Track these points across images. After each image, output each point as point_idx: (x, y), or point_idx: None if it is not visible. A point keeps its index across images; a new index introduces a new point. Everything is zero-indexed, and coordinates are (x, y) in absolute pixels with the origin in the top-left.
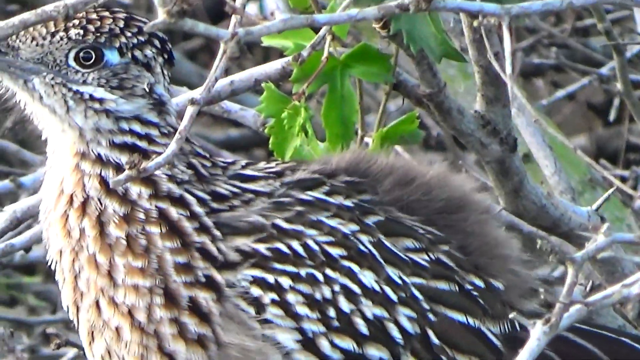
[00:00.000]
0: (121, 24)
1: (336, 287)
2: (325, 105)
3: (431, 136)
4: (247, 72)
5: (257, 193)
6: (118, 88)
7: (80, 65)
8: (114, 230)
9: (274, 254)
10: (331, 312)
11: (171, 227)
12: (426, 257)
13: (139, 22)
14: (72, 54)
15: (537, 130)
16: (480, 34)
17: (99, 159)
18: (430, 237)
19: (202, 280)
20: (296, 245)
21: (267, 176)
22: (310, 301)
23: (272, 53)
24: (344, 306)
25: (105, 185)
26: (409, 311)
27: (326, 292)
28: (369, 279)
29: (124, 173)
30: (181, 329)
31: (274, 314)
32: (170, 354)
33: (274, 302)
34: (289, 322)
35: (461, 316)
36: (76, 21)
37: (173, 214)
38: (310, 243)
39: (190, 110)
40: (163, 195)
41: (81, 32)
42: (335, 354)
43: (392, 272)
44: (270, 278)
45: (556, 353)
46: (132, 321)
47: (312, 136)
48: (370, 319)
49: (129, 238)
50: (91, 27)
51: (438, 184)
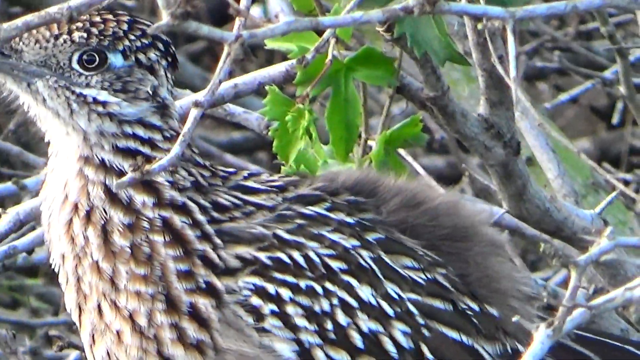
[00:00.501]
0: (125, 26)
1: (335, 300)
2: (329, 108)
3: (435, 139)
4: (251, 75)
5: (258, 206)
6: (122, 91)
7: (84, 68)
8: (119, 239)
9: (274, 263)
10: (329, 325)
11: (174, 236)
12: (423, 276)
13: (142, 25)
14: (75, 57)
15: (541, 134)
16: (484, 38)
17: (102, 164)
18: (429, 259)
19: (202, 286)
20: (297, 256)
21: (269, 190)
22: (309, 313)
23: (276, 56)
24: (341, 319)
25: (110, 195)
26: (404, 326)
27: (325, 305)
28: (366, 294)
29: (127, 175)
30: (180, 334)
31: (272, 325)
32: (169, 358)
33: (273, 313)
34: (287, 333)
35: (455, 334)
36: (80, 24)
37: (177, 222)
38: (312, 255)
39: (194, 113)
40: (166, 204)
41: (85, 35)
42: None
43: (390, 287)
44: (270, 288)
45: None
46: (133, 325)
47: (316, 139)
48: (366, 332)
49: (132, 246)
50: (95, 30)
51: (446, 211)
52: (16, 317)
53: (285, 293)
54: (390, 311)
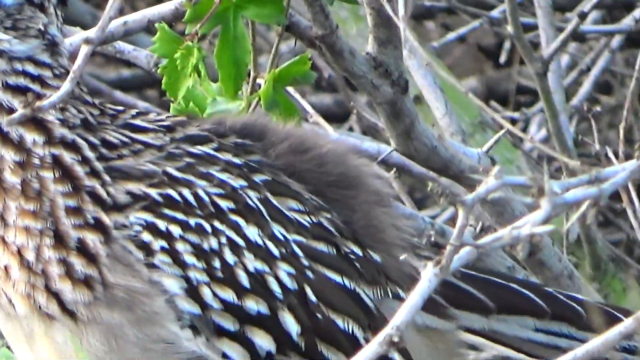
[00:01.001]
0: None
1: (223, 239)
2: (218, 46)
3: (323, 78)
4: (141, 12)
5: (146, 145)
6: (12, 29)
7: None
8: (10, 176)
9: (165, 200)
10: (216, 263)
11: (64, 172)
12: (308, 219)
13: None
14: None
15: (429, 73)
16: None
17: None
18: (315, 203)
19: (90, 222)
20: (187, 194)
21: (157, 129)
22: (197, 251)
23: None
24: (229, 258)
25: (1, 134)
26: (289, 267)
27: (213, 243)
28: (253, 234)
29: (17, 112)
30: (68, 269)
31: (162, 261)
32: (57, 293)
33: (163, 249)
34: (175, 269)
35: (338, 277)
36: None
37: (66, 159)
38: (201, 193)
39: (84, 50)
40: (56, 142)
41: None
42: (216, 304)
43: (276, 228)
44: (161, 225)
45: (443, 298)
46: (21, 260)
47: (205, 77)
48: (252, 272)
49: (23, 183)
50: None
51: (334, 159)
52: None
53: (176, 230)
54: (276, 252)
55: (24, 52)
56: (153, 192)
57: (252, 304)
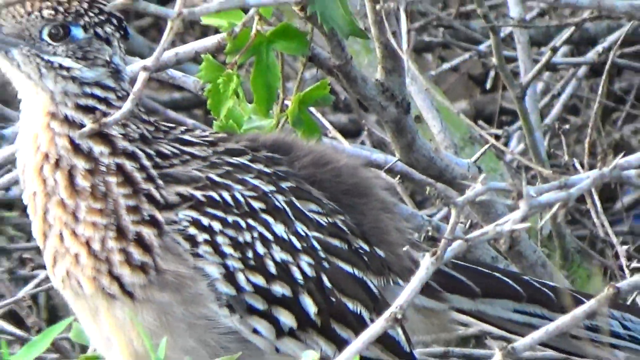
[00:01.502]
0: (85, 5)
1: (255, 233)
2: (253, 73)
3: (339, 100)
4: (189, 45)
5: (193, 155)
6: (82, 58)
7: (52, 39)
8: (81, 181)
9: (208, 200)
10: (249, 254)
11: (125, 177)
12: (325, 219)
13: (100, 4)
14: (45, 30)
15: (427, 96)
16: (381, 16)
17: (66, 119)
18: (331, 207)
19: (146, 218)
20: (226, 195)
21: (202, 143)
22: (234, 243)
23: (210, 30)
24: (260, 250)
25: (73, 145)
26: (308, 258)
27: (247, 237)
28: (280, 230)
29: (87, 127)
30: (127, 257)
31: (204, 251)
32: (118, 277)
33: (206, 241)
34: (216, 258)
35: (349, 267)
36: (48, 3)
37: (127, 167)
38: (237, 195)
39: (142, 75)
40: (119, 153)
41: (52, 12)
42: (248, 287)
43: (298, 226)
44: (204, 220)
45: (438, 284)
46: (89, 249)
47: (243, 98)
48: (279, 261)
49: (92, 186)
50: (60, 8)
51: (348, 172)
52: None
53: (216, 225)
54: (298, 245)
55: (93, 78)
56: (198, 194)
57: (278, 288)
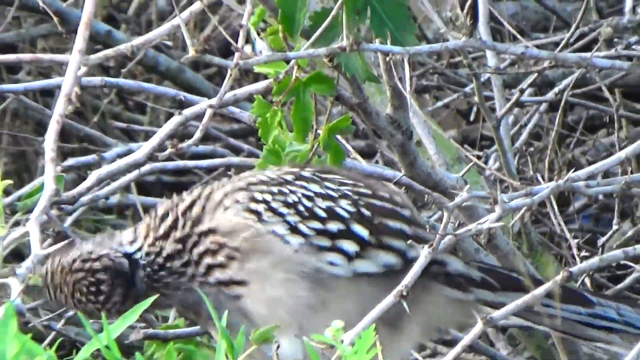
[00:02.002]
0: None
1: (298, 194)
2: (293, 109)
3: (359, 129)
4: (245, 88)
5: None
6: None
7: None
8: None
9: (248, 184)
10: (300, 208)
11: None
12: (349, 186)
13: None
14: None
15: (425, 126)
16: (390, 66)
17: None
18: (354, 183)
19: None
20: (260, 177)
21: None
22: (286, 204)
23: (260, 76)
24: (307, 204)
25: None
26: (345, 200)
27: (293, 197)
28: (315, 188)
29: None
30: None
31: (267, 217)
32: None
33: (265, 209)
34: (278, 218)
35: (379, 202)
36: None
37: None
38: (270, 174)
39: (209, 112)
40: None
41: None
42: (310, 232)
43: (328, 184)
44: (258, 196)
45: (465, 281)
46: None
47: (285, 129)
48: (324, 208)
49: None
50: None
51: (376, 185)
52: None
53: (267, 197)
54: (334, 194)
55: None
56: (241, 183)
57: (333, 226)
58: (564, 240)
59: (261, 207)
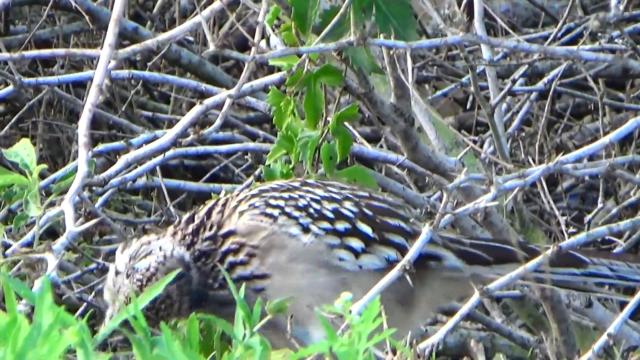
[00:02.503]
0: None
1: (307, 198)
2: (305, 99)
3: (365, 117)
4: (261, 79)
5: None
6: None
7: None
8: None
9: (261, 192)
10: (311, 210)
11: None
12: (349, 190)
13: None
14: None
15: (426, 114)
16: (393, 58)
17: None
18: (352, 187)
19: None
20: (269, 185)
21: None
22: (297, 208)
23: (275, 69)
24: (315, 206)
25: None
26: (349, 202)
27: (303, 201)
28: (321, 192)
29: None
30: None
31: (282, 219)
32: None
33: (279, 213)
34: (292, 221)
35: (378, 203)
36: None
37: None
38: (279, 182)
39: (228, 101)
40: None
41: None
42: (321, 232)
43: (331, 189)
44: (271, 201)
45: (461, 259)
46: None
47: (298, 117)
48: (331, 210)
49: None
50: None
51: (371, 190)
52: (125, 218)
53: (280, 202)
54: (338, 197)
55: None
56: (252, 192)
57: (340, 225)
58: (553, 217)
59: (276, 212)
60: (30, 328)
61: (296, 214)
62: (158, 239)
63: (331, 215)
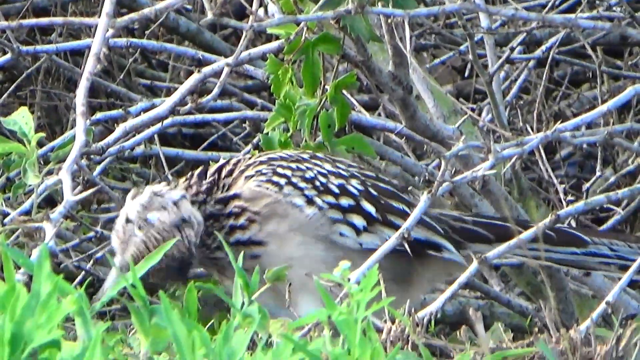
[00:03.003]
0: None
1: (315, 171)
2: (303, 67)
3: (363, 85)
4: (259, 48)
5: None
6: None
7: None
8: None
9: (270, 160)
10: (317, 183)
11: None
12: (356, 169)
13: None
14: None
15: (424, 82)
16: (391, 27)
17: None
18: (359, 166)
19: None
20: (280, 153)
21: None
22: (304, 179)
23: (273, 37)
24: (322, 180)
25: None
26: (355, 180)
27: (310, 173)
28: (328, 167)
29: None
30: None
31: (288, 189)
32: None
33: (286, 183)
34: (297, 191)
35: (383, 184)
36: None
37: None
38: (288, 152)
39: (226, 70)
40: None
41: None
42: (325, 205)
43: (339, 165)
44: (279, 169)
45: (461, 237)
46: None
47: (296, 85)
48: (337, 184)
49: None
50: None
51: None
52: (123, 186)
53: (287, 172)
54: (346, 174)
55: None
56: (262, 158)
57: (344, 201)
58: (551, 185)
59: (283, 181)
60: (28, 297)
61: (302, 185)
62: (170, 189)
63: (337, 190)
